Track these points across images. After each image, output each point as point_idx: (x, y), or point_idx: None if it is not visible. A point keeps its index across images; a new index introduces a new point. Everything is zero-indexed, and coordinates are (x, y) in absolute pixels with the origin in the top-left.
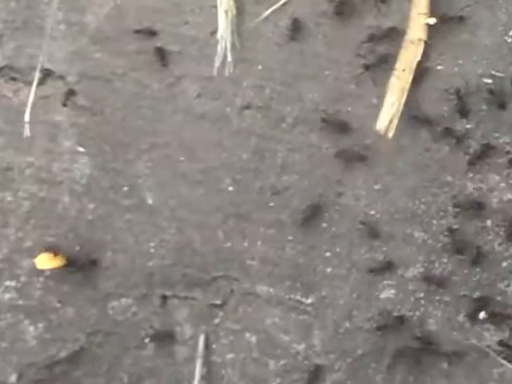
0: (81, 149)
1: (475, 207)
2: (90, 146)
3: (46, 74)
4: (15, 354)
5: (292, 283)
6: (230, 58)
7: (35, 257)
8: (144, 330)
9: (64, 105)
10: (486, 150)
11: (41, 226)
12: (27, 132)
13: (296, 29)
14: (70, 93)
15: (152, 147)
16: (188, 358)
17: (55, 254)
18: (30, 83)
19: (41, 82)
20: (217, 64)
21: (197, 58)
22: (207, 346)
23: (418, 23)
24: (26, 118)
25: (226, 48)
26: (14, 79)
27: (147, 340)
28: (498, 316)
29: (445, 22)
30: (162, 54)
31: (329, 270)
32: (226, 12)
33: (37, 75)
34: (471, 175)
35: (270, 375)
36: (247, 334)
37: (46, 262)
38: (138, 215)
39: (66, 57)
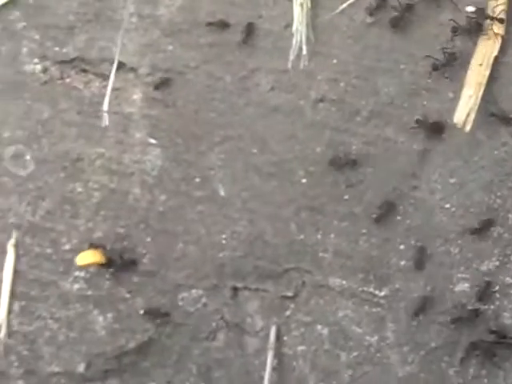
0: (152, 140)
1: None
2: (161, 138)
3: (118, 67)
4: (84, 344)
5: (365, 276)
6: (304, 52)
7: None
8: (214, 322)
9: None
10: None
11: (111, 217)
12: (105, 122)
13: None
14: (164, 81)
15: (224, 139)
16: (258, 350)
17: (97, 251)
18: (100, 75)
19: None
20: (291, 57)
21: (270, 51)
22: (278, 337)
23: (495, 18)
24: (105, 107)
25: (300, 41)
26: (84, 71)
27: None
28: None
29: None
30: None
31: (402, 262)
32: (302, 5)
33: (114, 66)
34: None
35: (341, 367)
36: (319, 326)
37: (86, 258)
38: (210, 207)
39: (137, 49)
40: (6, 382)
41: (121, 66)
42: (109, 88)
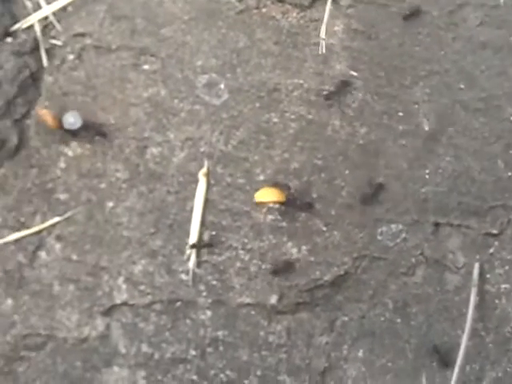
0: (353, 73)
1: None
2: (362, 71)
3: None
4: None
5: None
6: None
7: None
8: (414, 257)
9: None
10: None
11: (308, 149)
12: (323, 49)
13: None
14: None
15: (430, 74)
16: (459, 287)
17: (277, 189)
18: (299, 6)
19: (310, 5)
20: None
21: None
22: (481, 275)
23: None
24: (322, 35)
25: None
26: (281, 1)
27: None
28: None
29: None
30: None
31: None
32: None
33: None
34: None
35: None
36: None
37: (265, 196)
38: (414, 141)
39: None
40: (194, 311)
41: None
42: (326, 15)
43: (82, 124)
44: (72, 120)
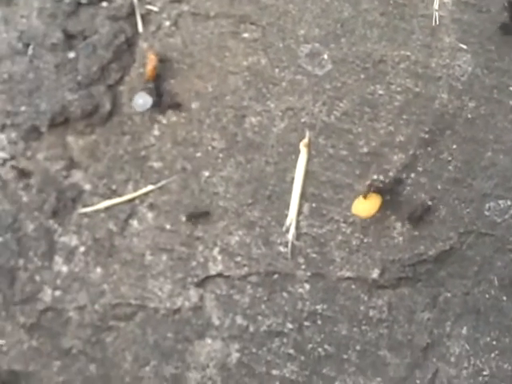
0: (463, 46)
1: None
2: (472, 44)
3: None
4: (380, 250)
5: None
6: None
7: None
8: None
9: None
10: None
11: (414, 122)
12: (436, 21)
13: None
14: None
15: None
16: None
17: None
18: None
19: None
20: None
21: None
22: None
23: None
24: (435, 5)
25: None
26: None
27: None
28: None
29: None
30: None
31: None
32: None
33: None
34: None
35: None
36: None
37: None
38: None
39: None
40: (292, 283)
41: None
42: None
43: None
44: (141, 101)
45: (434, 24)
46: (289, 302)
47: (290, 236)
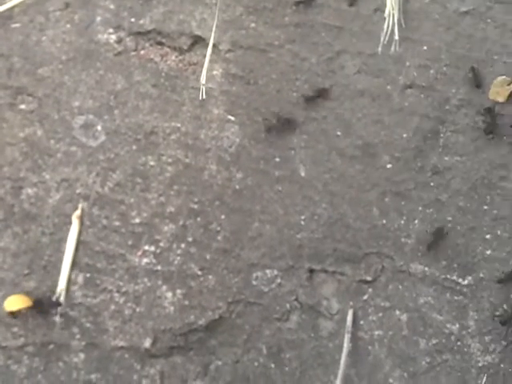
0: (231, 117)
1: None
2: (240, 115)
3: (197, 42)
4: (151, 319)
5: (449, 263)
6: (396, 36)
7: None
8: (288, 303)
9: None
10: None
11: (184, 192)
12: (203, 95)
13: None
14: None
15: (307, 120)
16: (333, 333)
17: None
18: (178, 49)
19: (189, 49)
20: (382, 41)
21: (358, 34)
22: (355, 321)
23: None
24: (202, 80)
25: (393, 25)
26: (160, 44)
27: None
28: None
29: None
30: None
31: (488, 252)
32: None
33: (211, 40)
34: None
35: (419, 354)
36: (397, 312)
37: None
38: (290, 187)
39: (218, 25)
40: (67, 353)
41: (200, 40)
42: (206, 61)
43: None
44: None
45: (201, 98)
46: (65, 371)
47: (61, 306)
